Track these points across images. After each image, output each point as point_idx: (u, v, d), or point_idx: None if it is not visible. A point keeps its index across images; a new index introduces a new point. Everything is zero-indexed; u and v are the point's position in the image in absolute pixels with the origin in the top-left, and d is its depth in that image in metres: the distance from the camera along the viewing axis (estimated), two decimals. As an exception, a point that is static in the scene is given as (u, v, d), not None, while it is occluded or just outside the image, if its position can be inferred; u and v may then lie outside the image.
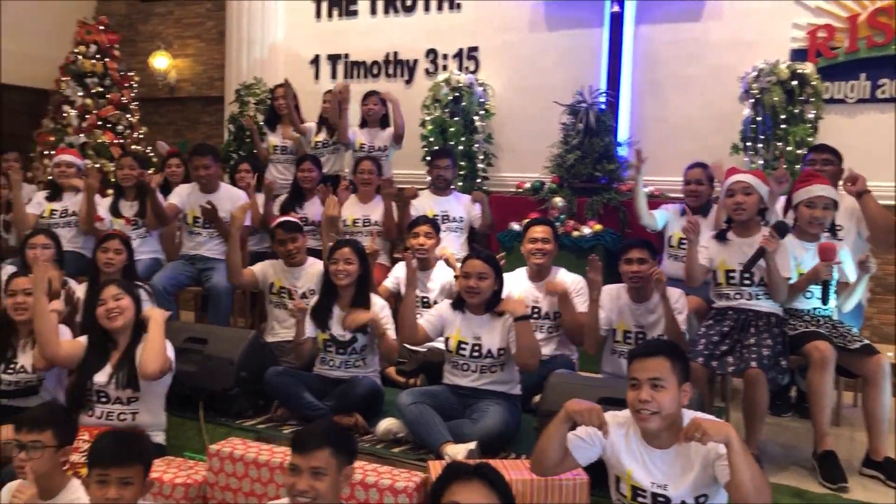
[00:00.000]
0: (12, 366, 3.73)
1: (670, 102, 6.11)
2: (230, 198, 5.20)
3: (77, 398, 3.54)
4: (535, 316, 4.25)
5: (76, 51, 7.30)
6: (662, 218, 4.80)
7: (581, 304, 4.13)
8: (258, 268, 4.74)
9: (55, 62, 7.40)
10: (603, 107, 5.76)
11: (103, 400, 3.51)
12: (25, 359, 3.74)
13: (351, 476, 2.59)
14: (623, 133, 6.00)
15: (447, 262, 4.63)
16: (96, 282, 4.19)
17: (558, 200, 5.56)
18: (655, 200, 5.17)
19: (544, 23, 6.54)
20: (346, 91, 5.88)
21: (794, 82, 5.30)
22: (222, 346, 4.09)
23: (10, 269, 4.34)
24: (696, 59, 6.02)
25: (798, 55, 5.64)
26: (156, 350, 3.46)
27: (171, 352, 3.59)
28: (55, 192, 5.44)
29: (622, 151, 5.79)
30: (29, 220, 5.20)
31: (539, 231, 4.30)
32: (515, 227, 5.46)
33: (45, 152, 7.07)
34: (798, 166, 5.02)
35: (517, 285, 4.28)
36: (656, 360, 2.52)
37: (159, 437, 3.65)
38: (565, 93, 5.90)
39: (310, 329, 4.04)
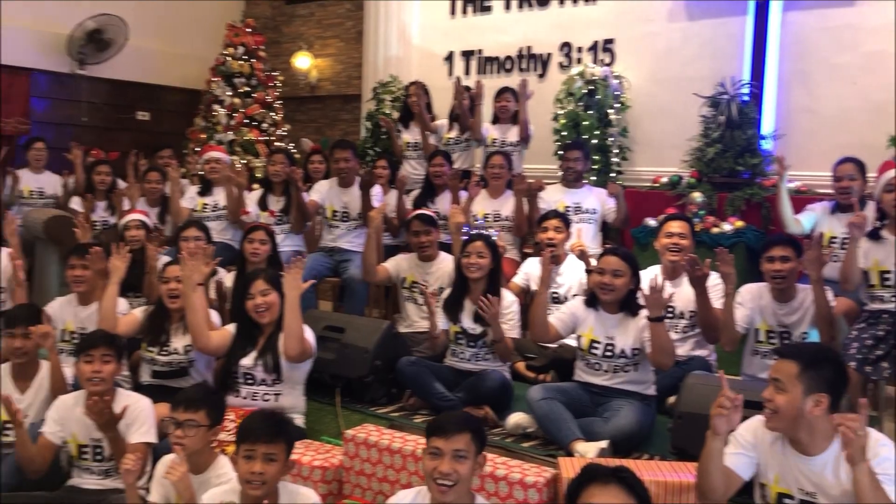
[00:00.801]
0: (166, 348, 3.99)
1: (820, 93, 5.77)
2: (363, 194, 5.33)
3: (225, 380, 3.75)
4: (670, 315, 4.11)
5: (225, 52, 7.69)
6: (810, 220, 4.51)
7: (717, 300, 3.97)
8: (391, 263, 4.83)
9: (206, 63, 7.84)
10: (746, 98, 5.53)
11: (249, 381, 3.70)
12: (178, 342, 3.98)
13: (483, 465, 2.62)
14: (767, 126, 5.72)
15: (581, 255, 4.54)
16: (243, 271, 4.42)
17: (697, 196, 5.38)
18: (802, 197, 4.91)
19: (684, 12, 6.32)
20: (479, 88, 5.92)
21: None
22: (358, 335, 4.22)
23: (165, 258, 4.65)
24: (849, 45, 5.65)
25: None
26: (294, 335, 3.60)
27: (311, 338, 3.74)
28: (206, 187, 5.76)
29: (766, 145, 5.53)
30: (183, 213, 5.55)
31: (676, 226, 4.16)
32: (651, 222, 5.33)
33: (197, 149, 7.50)
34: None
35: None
36: (784, 362, 2.47)
37: (299, 420, 3.81)
38: (705, 84, 5.71)
39: (442, 322, 4.10)
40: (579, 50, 6.87)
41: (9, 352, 3.67)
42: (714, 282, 4.02)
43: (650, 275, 4.16)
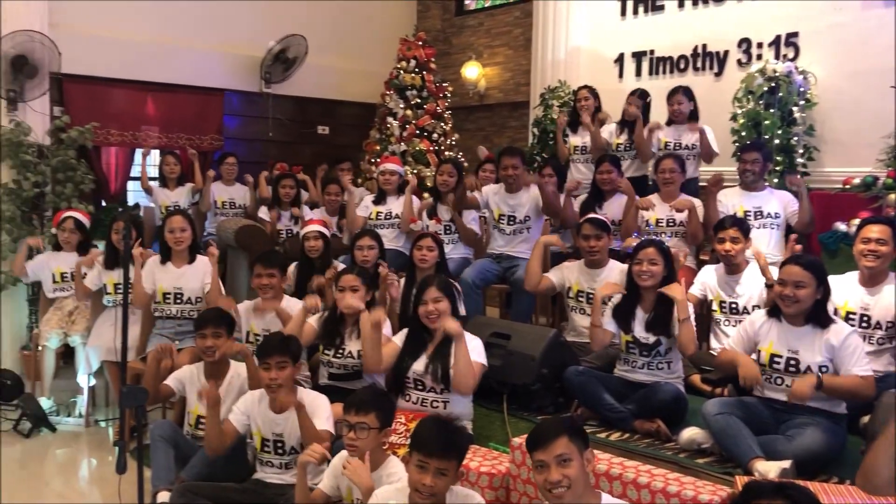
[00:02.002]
0: (340, 351, 4.16)
1: None
2: (534, 192, 5.33)
3: (396, 385, 3.86)
4: (865, 325, 3.82)
5: (398, 66, 7.97)
6: None
7: None
8: (555, 273, 4.74)
9: (380, 78, 8.15)
10: (952, 89, 5.01)
11: (419, 387, 3.79)
12: (352, 345, 4.14)
13: (593, 460, 2.59)
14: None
15: (761, 269, 4.25)
16: (413, 277, 4.54)
17: (895, 197, 4.93)
18: None
19: (881, -1, 5.84)
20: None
21: None
22: (525, 343, 4.20)
23: (340, 265, 4.86)
24: None
25: None
26: (463, 372, 3.66)
27: (482, 356, 3.78)
28: (380, 196, 5.97)
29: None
30: (358, 222, 5.78)
31: (875, 231, 3.83)
32: (841, 227, 4.94)
33: (372, 160, 7.81)
34: None
35: (846, 291, 3.88)
36: None
37: (467, 427, 3.85)
38: (904, 75, 5.24)
39: (612, 327, 4.01)
40: (759, 45, 6.51)
41: (201, 351, 3.98)
42: None
43: (844, 282, 3.89)
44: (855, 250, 3.91)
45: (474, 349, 3.77)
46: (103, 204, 7.12)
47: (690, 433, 3.57)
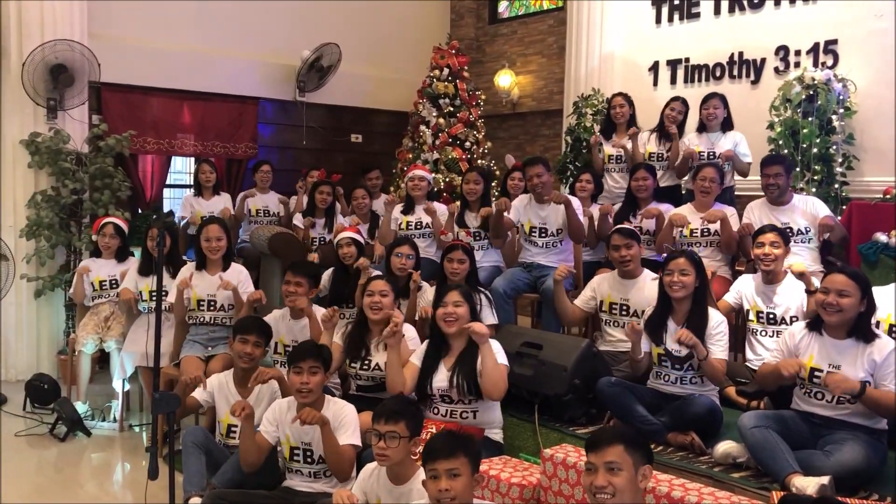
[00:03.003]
0: (367, 363, 4.15)
1: None
2: (560, 210, 5.26)
3: (421, 398, 3.85)
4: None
5: (431, 74, 7.96)
6: None
7: None
8: (583, 300, 4.67)
9: (413, 86, 8.17)
10: None
11: (447, 401, 3.78)
12: (379, 357, 4.11)
13: (650, 477, 2.56)
14: None
15: (800, 276, 4.14)
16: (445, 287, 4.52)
17: (937, 207, 4.82)
18: None
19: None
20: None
21: None
22: (556, 353, 4.16)
23: (376, 272, 4.84)
24: None
25: None
26: (493, 378, 3.64)
27: (503, 357, 3.76)
28: (409, 205, 5.95)
29: None
30: (388, 237, 5.71)
31: None
32: (882, 238, 4.83)
33: (404, 168, 7.81)
34: None
35: (888, 303, 3.80)
36: None
37: (497, 435, 3.83)
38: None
39: (645, 343, 3.95)
40: (797, 53, 6.42)
41: (238, 356, 4.00)
42: None
43: (885, 294, 3.79)
44: None
45: (496, 351, 3.76)
46: (139, 211, 7.22)
47: (726, 447, 3.51)
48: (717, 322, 3.87)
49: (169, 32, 7.25)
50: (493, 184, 7.18)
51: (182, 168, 9.46)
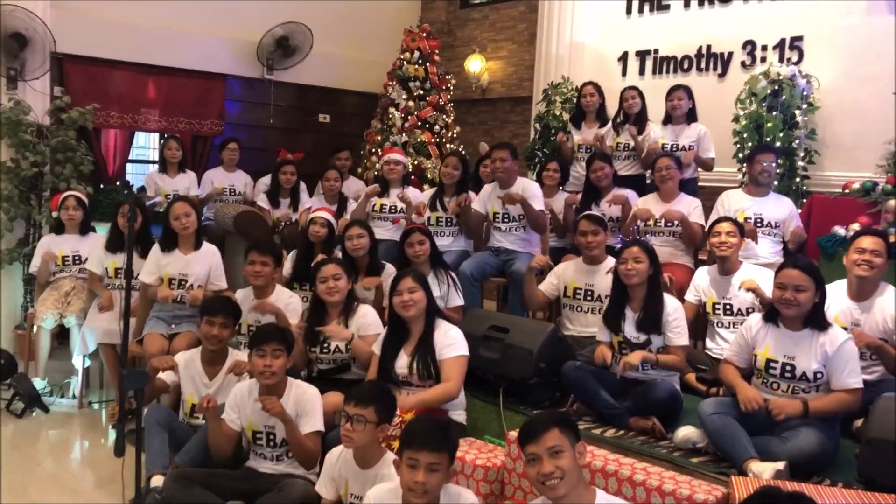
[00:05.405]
0: (326, 347, 4.14)
1: None
2: (522, 189, 5.27)
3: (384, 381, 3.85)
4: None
5: (402, 57, 7.91)
6: None
7: None
8: (546, 285, 4.74)
9: (384, 68, 8.11)
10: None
11: (406, 384, 3.79)
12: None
13: (585, 453, 2.59)
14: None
15: (753, 291, 4.16)
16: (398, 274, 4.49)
17: (894, 203, 4.94)
18: None
19: (886, 5, 5.80)
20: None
21: None
22: (523, 337, 4.19)
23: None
24: None
25: None
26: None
27: (463, 346, 3.81)
28: (383, 188, 5.91)
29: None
30: (363, 217, 5.66)
31: (870, 242, 3.81)
32: (840, 231, 4.95)
33: (373, 150, 7.78)
34: None
35: (836, 304, 3.84)
36: None
37: (460, 416, 3.86)
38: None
39: (605, 334, 4.06)
40: (764, 48, 6.50)
41: (205, 337, 3.96)
42: None
43: (834, 294, 3.86)
44: (847, 260, 3.89)
45: (455, 339, 3.79)
46: (101, 186, 7.09)
47: (686, 432, 3.58)
48: (672, 308, 3.95)
49: (135, 4, 7.06)
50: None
51: (145, 143, 9.30)
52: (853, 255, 3.85)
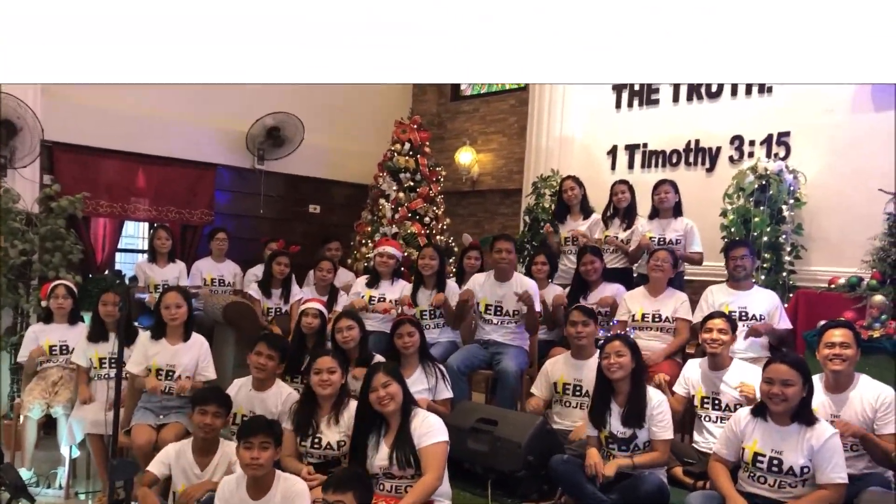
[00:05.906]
0: (317, 441, 4.02)
1: None
2: (521, 285, 5.29)
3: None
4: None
5: (392, 148, 7.95)
6: None
7: (890, 425, 3.64)
8: (540, 388, 4.70)
9: (374, 159, 8.16)
10: (938, 194, 5.08)
11: (390, 478, 3.67)
12: (330, 435, 4.01)
13: None
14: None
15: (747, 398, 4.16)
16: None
17: (879, 298, 4.95)
18: None
19: (870, 102, 5.96)
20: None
21: None
22: (511, 430, 4.13)
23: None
24: None
25: None
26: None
27: (443, 432, 3.68)
28: (374, 279, 5.89)
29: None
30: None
31: (838, 335, 3.80)
32: (825, 326, 4.92)
33: (363, 241, 7.78)
34: None
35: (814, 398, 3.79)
36: None
37: (445, 504, 3.72)
38: (891, 179, 5.33)
39: (591, 429, 4.01)
40: (751, 143, 6.63)
41: (198, 427, 3.87)
42: (887, 403, 3.69)
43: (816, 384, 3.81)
44: (819, 356, 3.87)
45: (433, 426, 3.66)
46: (90, 276, 7.03)
47: (675, 527, 3.47)
48: (657, 402, 3.92)
49: (126, 94, 7.11)
50: (451, 260, 7.19)
51: (134, 233, 9.29)
52: (824, 350, 3.83)
